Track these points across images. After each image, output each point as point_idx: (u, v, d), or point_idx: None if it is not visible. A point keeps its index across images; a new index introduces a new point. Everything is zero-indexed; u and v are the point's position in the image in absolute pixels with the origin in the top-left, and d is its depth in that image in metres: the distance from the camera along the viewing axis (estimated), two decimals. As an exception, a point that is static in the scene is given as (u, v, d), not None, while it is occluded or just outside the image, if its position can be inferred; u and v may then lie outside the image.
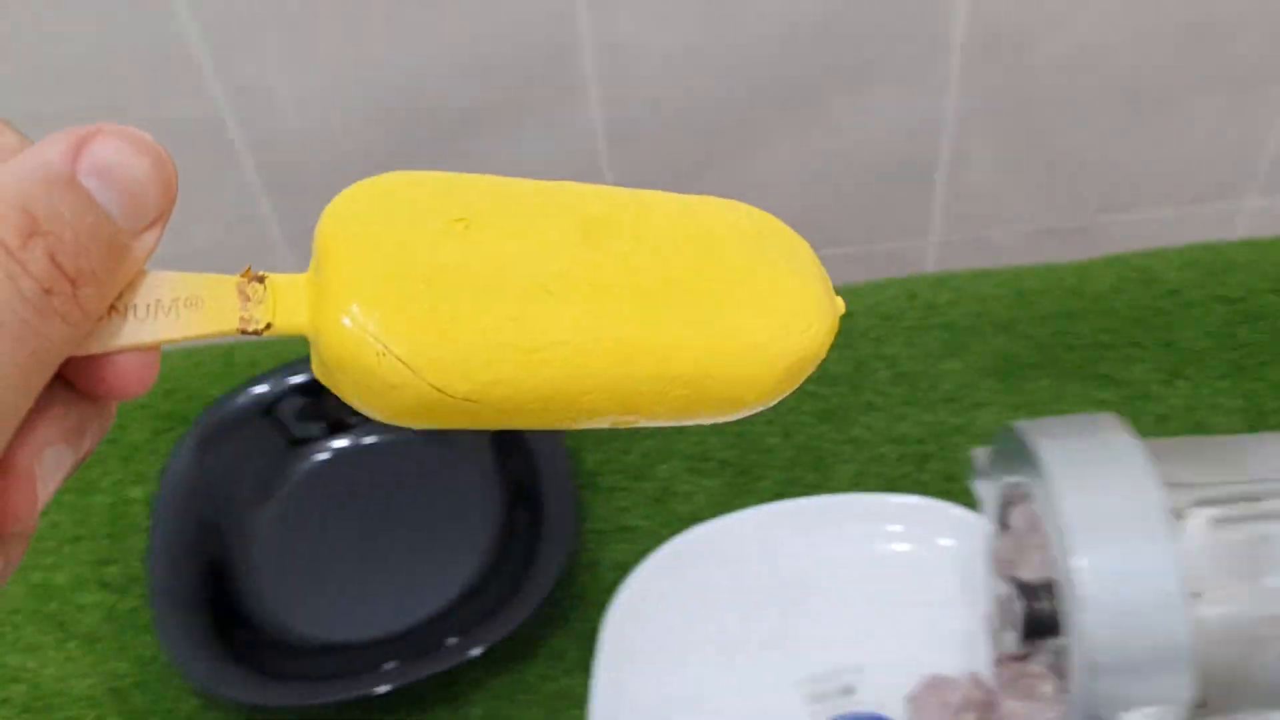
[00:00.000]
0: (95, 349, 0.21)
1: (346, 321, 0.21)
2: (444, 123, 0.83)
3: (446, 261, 0.22)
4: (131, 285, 0.21)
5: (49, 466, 0.21)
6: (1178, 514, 0.45)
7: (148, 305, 0.21)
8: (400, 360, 0.21)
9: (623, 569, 0.66)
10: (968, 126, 0.92)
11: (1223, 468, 0.47)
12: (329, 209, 0.22)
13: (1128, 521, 0.44)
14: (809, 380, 0.64)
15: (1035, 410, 0.71)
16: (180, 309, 0.21)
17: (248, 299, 0.22)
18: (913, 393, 0.72)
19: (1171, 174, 0.97)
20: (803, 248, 0.26)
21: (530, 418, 0.23)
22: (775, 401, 0.25)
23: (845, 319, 0.27)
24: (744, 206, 0.26)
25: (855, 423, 0.72)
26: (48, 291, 0.19)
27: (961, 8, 0.83)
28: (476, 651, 0.61)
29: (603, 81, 0.83)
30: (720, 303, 0.24)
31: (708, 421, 0.25)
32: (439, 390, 0.21)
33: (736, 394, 0.25)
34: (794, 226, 0.27)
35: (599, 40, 0.80)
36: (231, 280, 0.22)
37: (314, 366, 0.23)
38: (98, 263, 0.20)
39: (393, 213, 0.22)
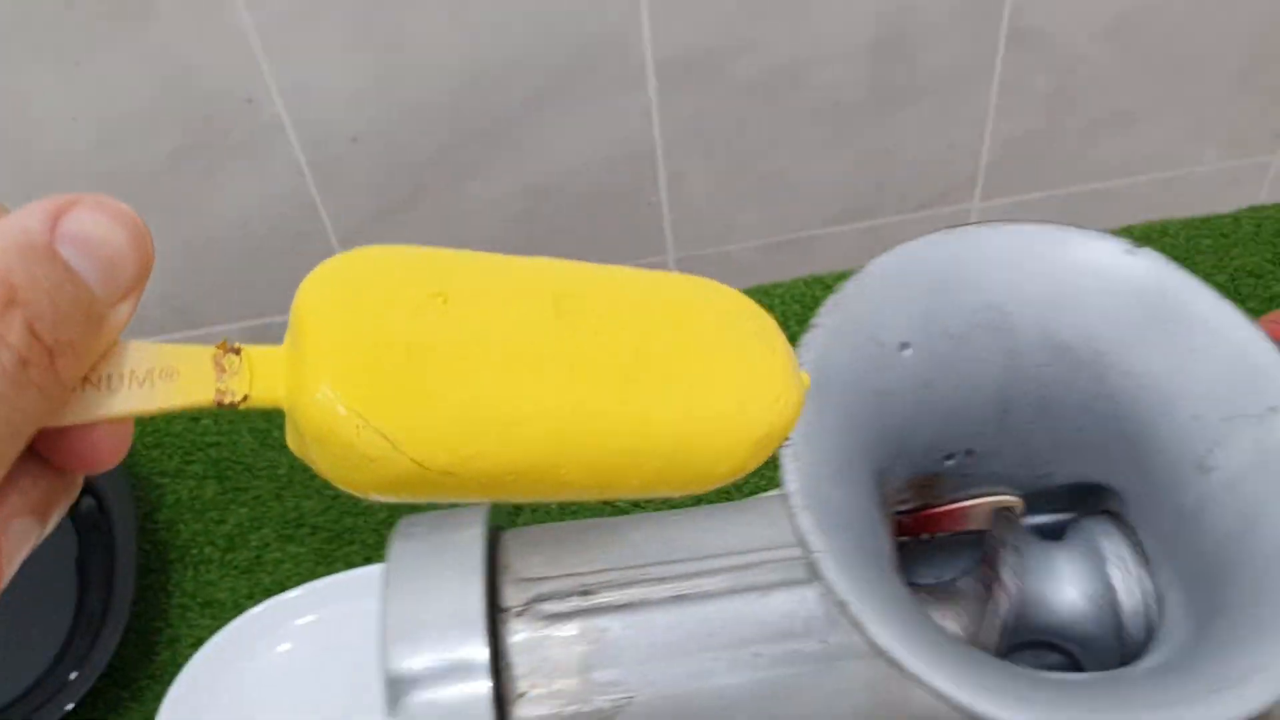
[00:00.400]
0: (68, 420, 0.20)
1: (324, 394, 0.21)
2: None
3: (425, 335, 0.22)
4: (105, 356, 0.20)
5: (15, 540, 0.21)
6: (515, 612, 0.46)
7: (121, 376, 0.21)
8: (379, 433, 0.21)
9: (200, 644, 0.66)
10: (677, 148, 0.93)
11: (579, 558, 0.48)
12: (307, 281, 0.22)
13: (444, 629, 0.45)
14: None
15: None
16: (155, 380, 0.21)
17: (224, 370, 0.21)
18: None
19: (893, 183, 0.97)
20: (769, 323, 0.27)
21: (507, 490, 0.23)
22: (746, 474, 0.25)
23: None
24: (712, 283, 0.27)
25: None
26: (24, 362, 0.18)
27: (646, 37, 0.83)
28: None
29: (295, 122, 0.85)
30: (692, 376, 0.24)
31: (680, 495, 0.25)
32: (418, 464, 0.21)
33: (709, 466, 0.25)
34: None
35: (281, 85, 0.82)
36: (207, 351, 0.21)
37: (289, 440, 0.22)
38: (76, 333, 0.19)
39: (371, 285, 0.22)
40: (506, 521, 0.52)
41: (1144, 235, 0.85)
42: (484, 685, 0.43)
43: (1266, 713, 0.38)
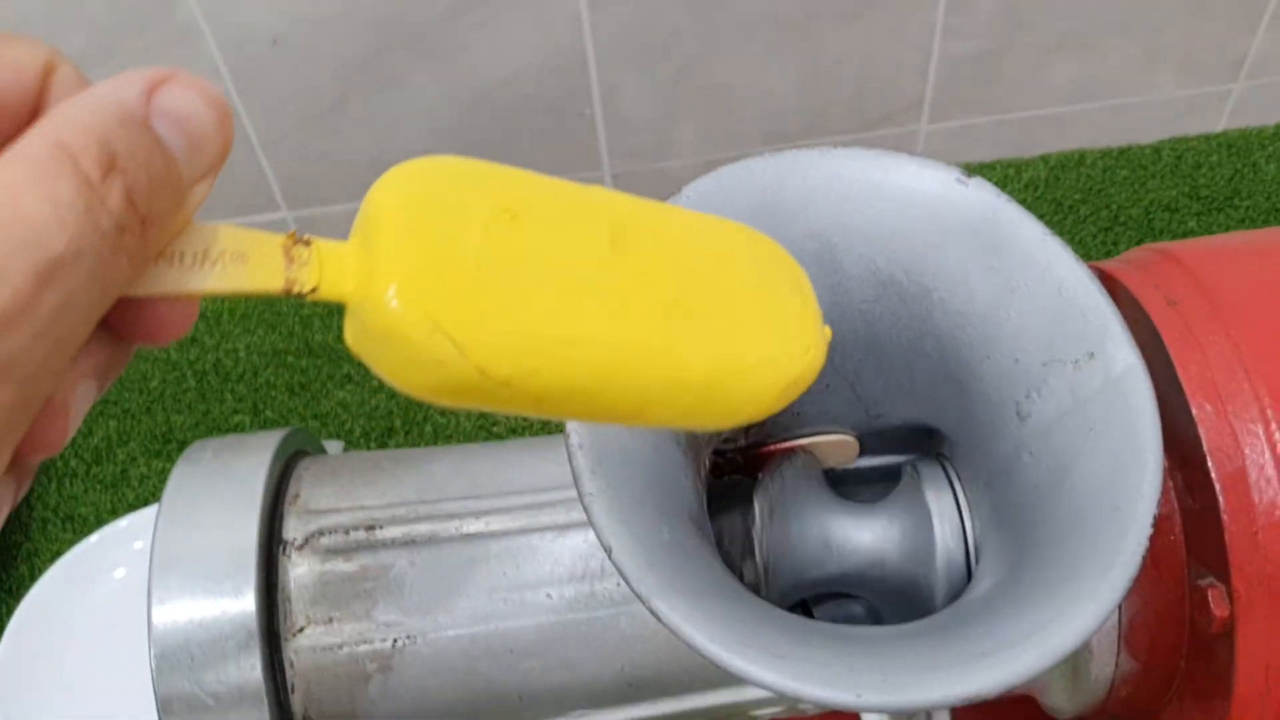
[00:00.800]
0: (143, 291, 0.20)
1: (398, 293, 0.21)
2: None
3: (495, 248, 0.22)
4: (180, 233, 0.21)
5: (80, 400, 0.21)
6: (296, 545, 0.44)
7: (195, 254, 0.21)
8: (449, 338, 0.21)
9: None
10: (610, 61, 0.89)
11: (371, 490, 0.46)
12: (382, 182, 0.22)
13: (214, 560, 0.43)
14: (286, 351, 0.64)
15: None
16: (227, 262, 0.21)
17: (292, 260, 0.21)
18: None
19: (838, 101, 0.93)
20: (800, 274, 0.28)
21: (553, 408, 0.23)
22: (767, 416, 0.26)
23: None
24: (750, 230, 0.28)
25: (329, 396, 0.71)
26: (120, 229, 0.19)
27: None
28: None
29: (213, 23, 0.83)
30: (731, 320, 0.25)
31: (703, 429, 0.27)
32: (481, 371, 0.21)
33: (738, 406, 0.26)
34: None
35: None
36: (276, 239, 0.21)
37: (349, 337, 0.22)
38: (164, 206, 0.20)
39: (447, 193, 0.22)
40: (317, 447, 0.50)
41: (1059, 164, 0.81)
42: (251, 619, 0.41)
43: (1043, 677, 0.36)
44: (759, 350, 0.25)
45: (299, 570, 0.43)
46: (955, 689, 0.33)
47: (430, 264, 0.21)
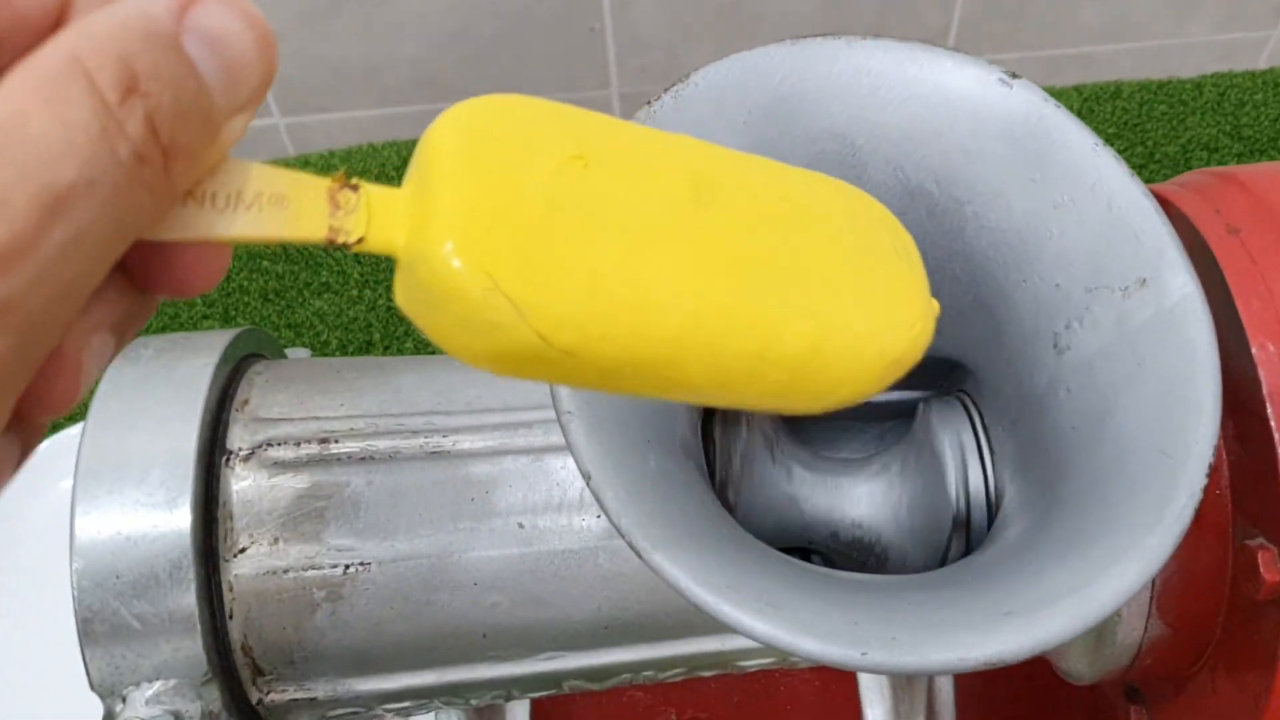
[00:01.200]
0: (168, 235, 0.18)
1: (455, 248, 0.19)
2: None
3: (564, 198, 0.20)
4: (212, 172, 0.19)
5: (94, 356, 0.19)
6: (242, 456, 0.40)
7: (229, 196, 0.19)
8: (508, 298, 0.19)
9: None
10: (622, -27, 0.84)
11: (329, 399, 0.41)
12: (442, 122, 0.20)
13: (145, 469, 0.38)
14: (259, 255, 0.59)
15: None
16: (264, 205, 0.19)
17: (338, 207, 0.19)
18: (375, 272, 0.66)
19: (859, 28, 0.88)
20: (907, 238, 0.25)
21: (624, 382, 0.21)
22: (864, 399, 0.24)
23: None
24: (849, 187, 0.25)
25: (305, 305, 0.66)
26: (140, 159, 0.17)
27: None
28: None
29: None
30: (829, 288, 0.23)
31: (792, 411, 0.23)
32: (542, 338, 0.19)
33: (832, 386, 0.23)
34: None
35: None
36: (322, 183, 0.19)
37: (398, 294, 0.20)
38: (193, 136, 0.18)
39: (510, 136, 0.20)
40: (275, 351, 0.45)
41: (1093, 96, 0.76)
42: (186, 536, 0.37)
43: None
44: (860, 321, 0.23)
45: (243, 484, 0.38)
46: (974, 652, 0.29)
47: (491, 215, 0.19)
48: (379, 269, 0.68)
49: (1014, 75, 0.37)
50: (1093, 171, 0.36)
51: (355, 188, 0.19)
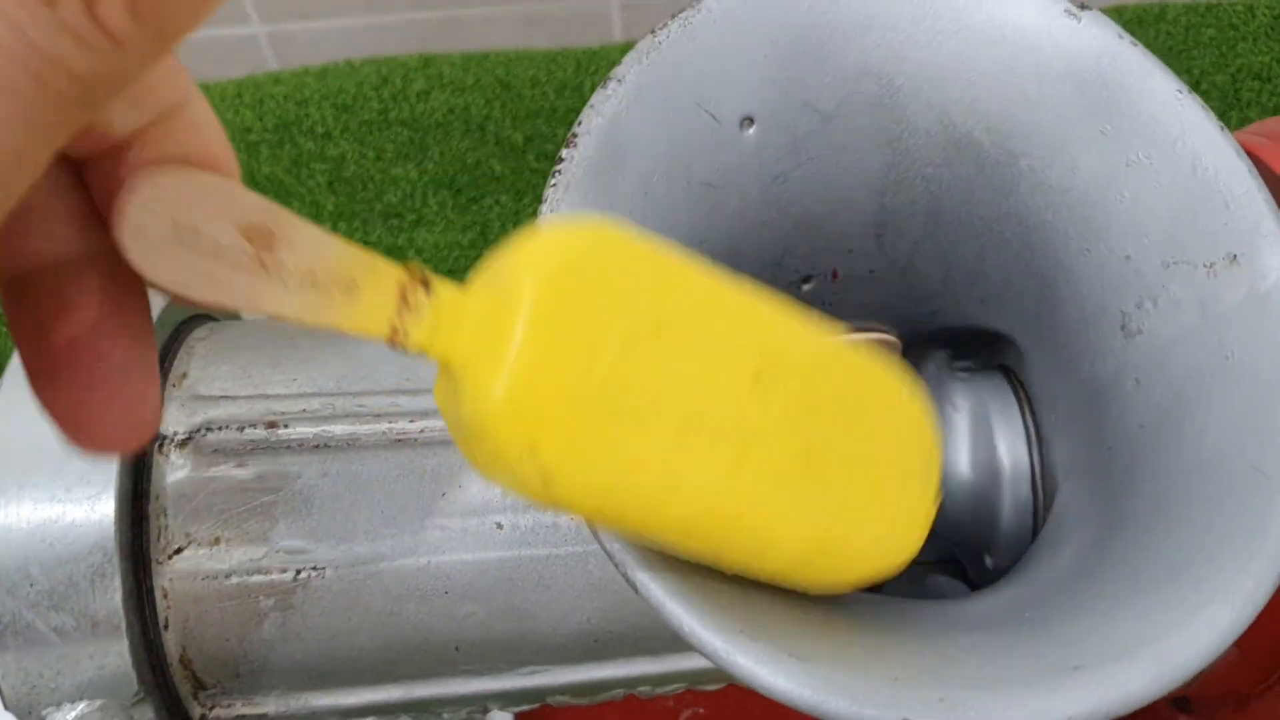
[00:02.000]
0: (227, 301, 0.17)
1: (508, 403, 0.18)
2: None
3: (628, 375, 0.20)
4: (288, 241, 0.17)
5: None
6: (177, 442, 0.34)
7: (302, 274, 0.17)
8: (539, 468, 0.19)
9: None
10: None
11: (279, 375, 0.36)
12: (541, 248, 0.19)
13: (66, 460, 0.33)
14: None
15: (488, 236, 0.58)
16: (334, 291, 0.17)
17: (406, 305, 0.18)
18: (350, 203, 0.60)
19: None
20: (934, 449, 0.26)
21: (634, 540, 0.22)
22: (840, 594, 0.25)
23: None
24: (906, 381, 0.25)
25: None
26: None
27: None
28: None
29: None
30: (845, 493, 0.24)
31: (773, 583, 0.25)
32: (556, 503, 0.20)
33: (818, 586, 0.25)
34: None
35: None
36: (395, 273, 0.18)
37: (439, 392, 0.20)
38: None
39: (602, 296, 0.20)
40: (227, 312, 0.40)
41: (1135, 18, 0.69)
42: (110, 535, 0.32)
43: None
44: (859, 537, 0.24)
45: (178, 475, 0.33)
46: (1037, 715, 0.24)
47: (555, 379, 0.19)
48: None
49: (1083, 5, 0.31)
50: (1175, 124, 0.30)
51: (428, 285, 0.18)
